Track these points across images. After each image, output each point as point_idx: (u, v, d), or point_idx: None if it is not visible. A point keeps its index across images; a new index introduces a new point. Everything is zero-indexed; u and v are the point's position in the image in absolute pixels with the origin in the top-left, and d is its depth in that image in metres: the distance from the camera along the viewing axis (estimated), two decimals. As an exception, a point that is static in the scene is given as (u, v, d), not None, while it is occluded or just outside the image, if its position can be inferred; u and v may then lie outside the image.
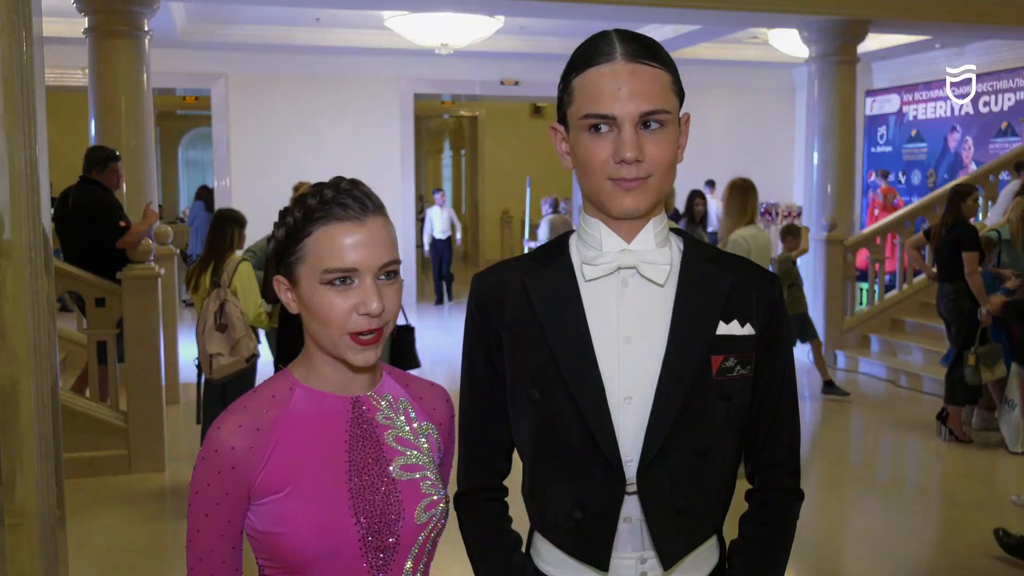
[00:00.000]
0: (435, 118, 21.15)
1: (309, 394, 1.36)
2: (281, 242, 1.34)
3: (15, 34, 2.49)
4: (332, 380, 1.37)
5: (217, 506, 1.31)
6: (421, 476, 1.38)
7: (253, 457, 1.30)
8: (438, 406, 1.48)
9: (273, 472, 1.30)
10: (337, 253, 1.28)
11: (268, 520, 1.30)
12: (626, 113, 1.30)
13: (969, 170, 10.72)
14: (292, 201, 1.36)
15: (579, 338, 1.37)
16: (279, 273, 1.35)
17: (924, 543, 4.49)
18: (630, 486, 1.36)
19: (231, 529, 1.33)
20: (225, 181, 11.56)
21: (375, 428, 1.38)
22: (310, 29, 10.68)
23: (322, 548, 1.29)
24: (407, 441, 1.40)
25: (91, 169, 5.82)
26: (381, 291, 1.30)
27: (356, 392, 1.39)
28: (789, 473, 1.47)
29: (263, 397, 1.35)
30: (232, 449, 1.30)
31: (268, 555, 1.33)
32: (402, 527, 1.35)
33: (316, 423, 1.35)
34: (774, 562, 1.44)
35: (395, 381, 1.46)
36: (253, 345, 4.55)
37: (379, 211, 1.33)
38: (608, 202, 1.35)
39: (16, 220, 2.52)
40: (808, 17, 8.34)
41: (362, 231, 1.29)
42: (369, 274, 1.29)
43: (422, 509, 1.36)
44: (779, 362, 1.44)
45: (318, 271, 1.29)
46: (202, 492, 1.31)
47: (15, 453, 2.56)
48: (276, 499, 1.30)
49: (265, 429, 1.32)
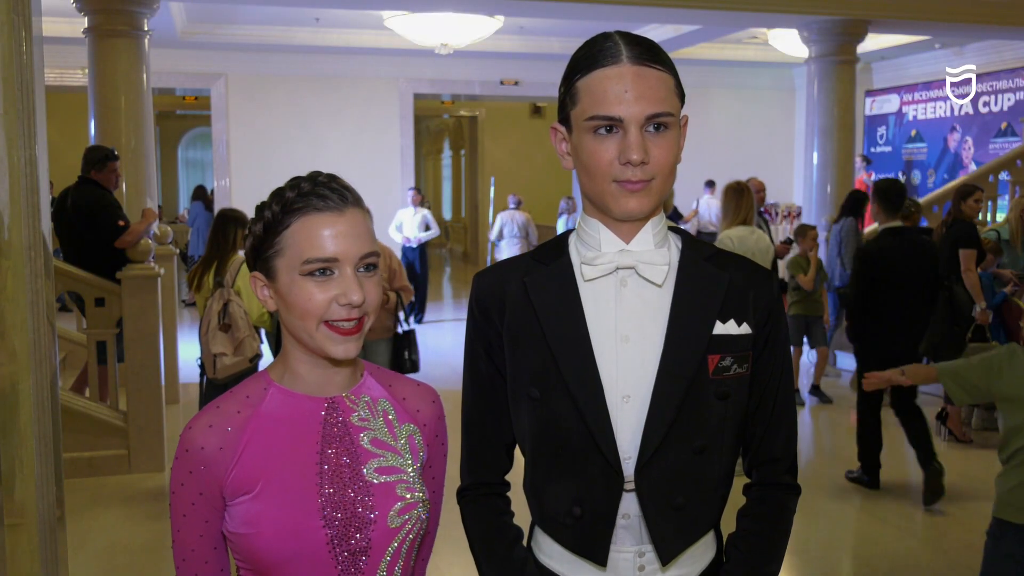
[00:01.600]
0: (435, 118, 21.17)
1: (283, 395, 1.35)
2: (259, 237, 1.33)
3: (15, 34, 2.49)
4: (308, 380, 1.36)
5: (193, 506, 1.31)
6: (397, 479, 1.36)
7: (223, 457, 1.29)
8: (422, 407, 1.46)
9: (243, 473, 1.29)
10: (317, 243, 1.28)
11: (239, 521, 1.30)
12: (632, 115, 1.31)
13: (969, 170, 10.73)
14: (259, 204, 1.35)
15: (578, 337, 1.38)
16: (255, 269, 1.34)
17: (924, 543, 4.49)
18: (628, 483, 1.38)
19: (209, 529, 1.32)
20: (225, 181, 11.56)
21: (350, 429, 1.36)
22: (310, 29, 10.68)
23: (290, 550, 1.28)
24: (384, 443, 1.38)
25: (90, 169, 5.82)
26: (361, 282, 1.29)
27: (332, 393, 1.37)
28: (786, 469, 1.49)
29: (237, 397, 1.34)
30: (202, 449, 1.29)
31: (241, 556, 1.32)
32: (374, 530, 1.33)
33: (288, 424, 1.33)
34: (771, 555, 1.46)
35: (377, 382, 1.44)
36: (256, 345, 4.55)
37: (358, 203, 1.33)
38: (612, 204, 1.36)
39: (16, 220, 2.52)
40: (808, 17, 8.35)
41: (341, 222, 1.29)
42: (349, 265, 1.29)
43: (396, 512, 1.34)
44: (775, 360, 1.45)
45: (297, 262, 1.28)
46: (178, 492, 1.32)
47: (15, 453, 2.56)
48: (246, 500, 1.29)
49: (236, 429, 1.31)
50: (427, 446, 1.45)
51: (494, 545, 1.48)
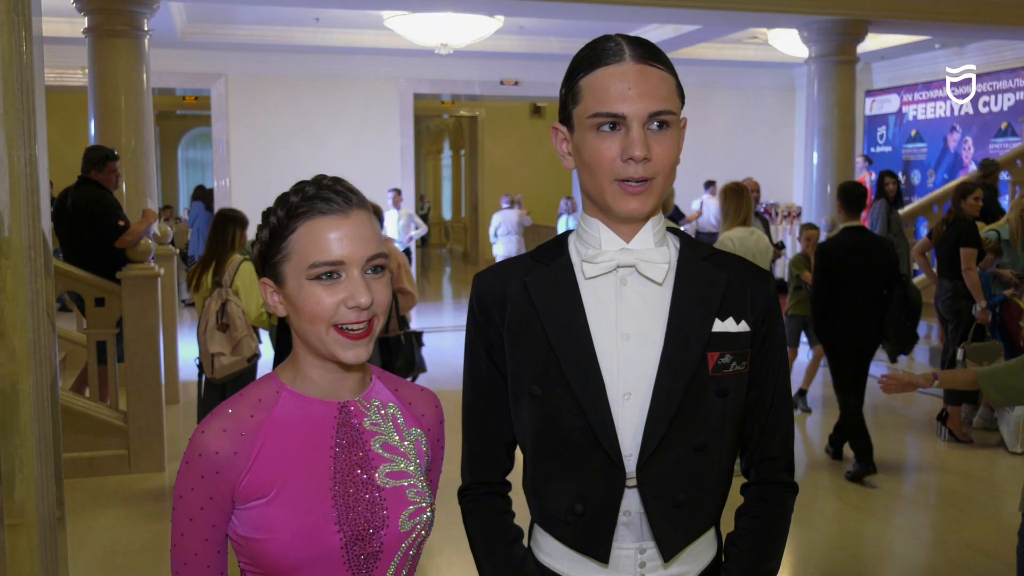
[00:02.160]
0: (435, 118, 21.18)
1: (296, 399, 1.34)
2: (265, 243, 1.32)
3: (15, 34, 2.49)
4: (320, 385, 1.35)
5: (202, 511, 1.30)
6: (408, 484, 1.37)
7: (237, 462, 1.29)
8: (427, 411, 1.47)
9: (257, 478, 1.29)
10: (323, 247, 1.27)
11: (251, 526, 1.29)
12: (636, 112, 1.32)
13: (969, 170, 10.73)
14: (275, 201, 1.35)
15: (579, 335, 1.39)
16: (264, 275, 1.34)
17: (924, 543, 4.49)
18: (630, 480, 1.39)
19: (216, 533, 1.31)
20: (224, 181, 11.56)
21: (362, 434, 1.36)
22: (310, 29, 10.68)
23: (304, 556, 1.28)
24: (394, 448, 1.38)
25: (90, 169, 5.82)
26: (369, 284, 1.29)
27: (344, 397, 1.37)
28: (784, 467, 1.50)
29: (249, 401, 1.33)
30: (216, 454, 1.28)
31: (250, 560, 1.32)
32: (386, 535, 1.33)
33: (302, 429, 1.33)
34: (770, 552, 1.47)
35: (384, 386, 1.44)
36: (255, 345, 4.56)
37: (363, 205, 1.32)
38: (612, 203, 1.37)
39: (16, 220, 2.52)
40: (808, 17, 8.35)
41: (347, 224, 1.29)
42: (356, 267, 1.28)
43: (407, 517, 1.35)
44: (773, 358, 1.47)
45: (304, 267, 1.28)
46: (186, 496, 1.30)
47: (15, 453, 2.56)
48: (259, 505, 1.28)
49: (250, 434, 1.30)
50: (430, 449, 1.46)
51: (494, 544, 1.49)
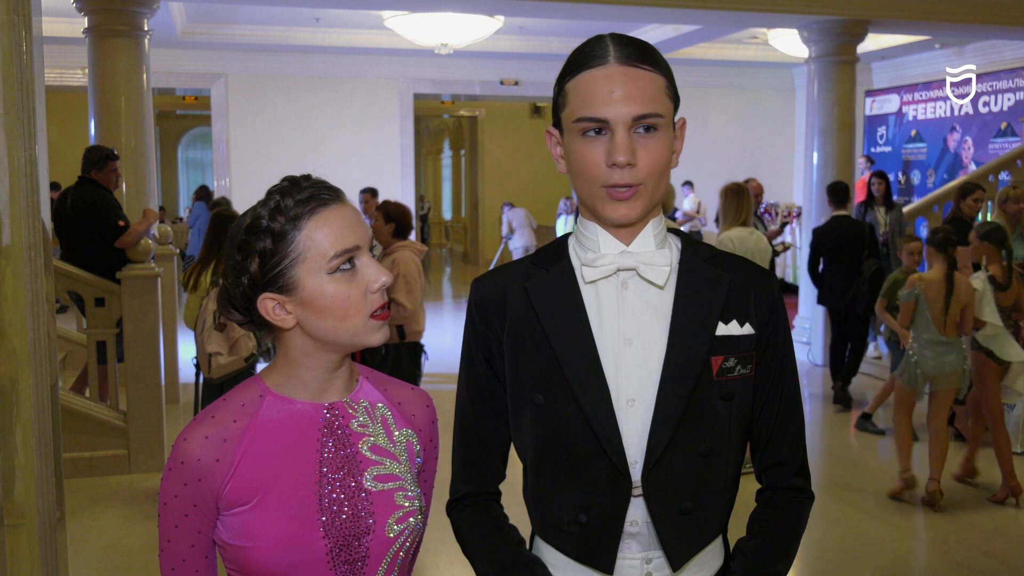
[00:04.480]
0: (435, 118, 21.18)
1: (280, 402, 1.32)
2: (269, 251, 1.26)
3: (15, 34, 2.49)
4: (310, 386, 1.33)
5: (186, 517, 1.28)
6: (396, 487, 1.34)
7: (219, 469, 1.26)
8: (417, 411, 1.43)
9: (240, 484, 1.27)
10: (339, 236, 1.27)
11: (235, 533, 1.27)
12: (619, 116, 1.29)
13: (969, 170, 10.72)
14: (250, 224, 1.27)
15: (582, 341, 1.36)
16: (264, 291, 1.28)
17: (924, 543, 4.49)
18: (636, 489, 1.35)
19: (202, 539, 1.30)
20: (225, 181, 11.56)
21: (350, 436, 1.33)
22: (310, 29, 10.67)
23: (289, 562, 1.26)
24: (383, 450, 1.35)
25: (90, 169, 5.82)
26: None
27: (331, 399, 1.34)
28: (795, 472, 1.46)
29: (232, 406, 1.31)
30: (198, 461, 1.26)
31: (236, 566, 1.30)
32: (372, 541, 1.30)
33: (286, 432, 1.30)
34: (776, 556, 1.41)
35: (373, 386, 1.41)
36: (252, 344, 4.55)
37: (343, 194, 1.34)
38: (601, 209, 1.34)
39: (16, 220, 2.52)
40: (808, 17, 8.34)
41: (348, 212, 1.30)
42: (365, 252, 1.29)
43: (394, 522, 1.32)
44: (779, 361, 1.43)
45: (324, 261, 1.26)
46: (170, 504, 1.28)
47: (15, 453, 2.55)
48: (243, 512, 1.27)
49: (232, 440, 1.28)
50: (423, 451, 1.43)
51: (498, 547, 1.43)
